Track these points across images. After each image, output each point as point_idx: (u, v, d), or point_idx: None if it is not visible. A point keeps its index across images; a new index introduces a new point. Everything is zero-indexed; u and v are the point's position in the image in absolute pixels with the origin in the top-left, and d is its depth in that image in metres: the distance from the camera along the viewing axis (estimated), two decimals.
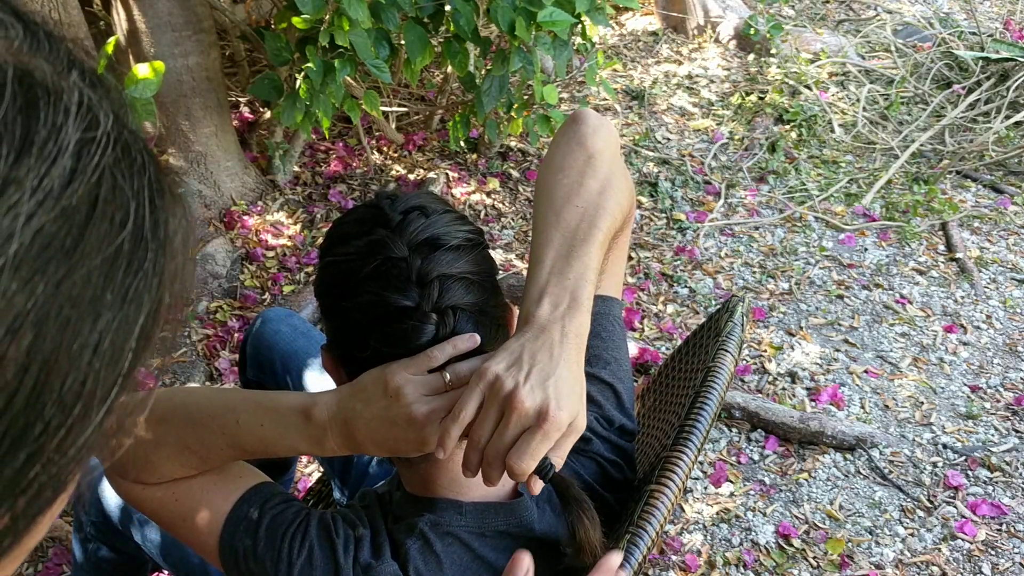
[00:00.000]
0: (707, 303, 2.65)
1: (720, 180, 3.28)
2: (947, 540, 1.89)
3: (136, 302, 0.29)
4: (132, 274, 0.29)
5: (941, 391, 2.33)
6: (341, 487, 1.39)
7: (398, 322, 0.76)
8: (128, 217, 0.29)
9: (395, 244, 0.77)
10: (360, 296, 0.77)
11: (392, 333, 0.76)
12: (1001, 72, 3.71)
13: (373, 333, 0.77)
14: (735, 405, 2.19)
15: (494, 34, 2.56)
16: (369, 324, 0.77)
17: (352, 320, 0.78)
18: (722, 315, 1.10)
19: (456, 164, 3.26)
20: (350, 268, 0.78)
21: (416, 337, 0.76)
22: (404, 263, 0.76)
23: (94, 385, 0.28)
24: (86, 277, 0.27)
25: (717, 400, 0.98)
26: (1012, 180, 3.31)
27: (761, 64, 4.10)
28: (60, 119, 0.27)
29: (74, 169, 0.27)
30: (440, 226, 0.79)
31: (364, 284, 0.77)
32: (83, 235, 0.27)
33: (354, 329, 0.79)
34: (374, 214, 0.80)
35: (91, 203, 0.27)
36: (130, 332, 0.29)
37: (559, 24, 2.16)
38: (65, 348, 0.27)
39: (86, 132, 0.28)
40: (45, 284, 0.25)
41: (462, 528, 0.82)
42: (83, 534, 1.33)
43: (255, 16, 3.30)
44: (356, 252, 0.78)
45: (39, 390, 0.26)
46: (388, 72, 2.14)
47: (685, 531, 1.92)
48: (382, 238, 0.77)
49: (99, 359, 0.28)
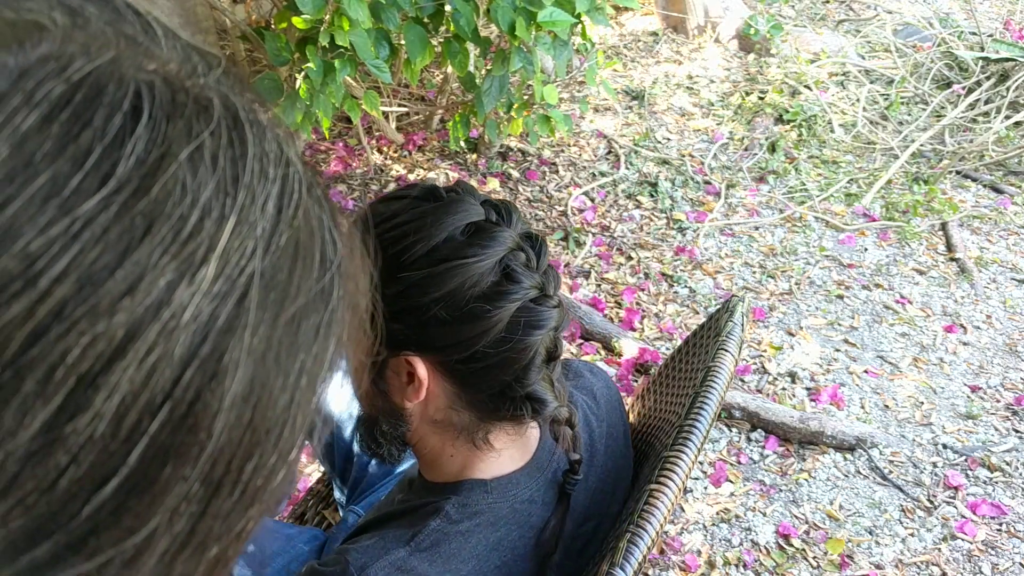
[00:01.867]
0: (707, 303, 2.65)
1: (720, 180, 3.28)
2: (947, 540, 1.89)
3: (328, 336, 0.28)
4: (327, 310, 0.28)
5: (941, 391, 2.33)
6: (341, 486, 1.39)
7: (539, 310, 0.79)
8: (325, 253, 0.28)
9: (510, 240, 0.79)
10: (510, 299, 0.78)
11: (537, 319, 0.79)
12: (1001, 72, 3.71)
13: (521, 322, 0.78)
14: (735, 405, 2.19)
15: (494, 34, 2.56)
16: (518, 317, 0.78)
17: (491, 317, 0.77)
18: (722, 315, 1.10)
19: (456, 164, 3.26)
20: (482, 269, 0.77)
21: (555, 319, 0.81)
22: (523, 254, 0.80)
23: (298, 425, 0.27)
24: (293, 317, 0.26)
25: (717, 400, 0.98)
26: (1012, 180, 3.31)
27: (761, 64, 4.10)
28: (265, 156, 0.26)
29: (279, 208, 0.26)
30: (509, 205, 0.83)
31: (503, 286, 0.78)
32: (292, 276, 0.26)
33: (494, 325, 0.78)
34: (470, 205, 0.80)
35: (295, 243, 0.26)
36: (323, 366, 0.28)
37: (559, 24, 2.16)
38: (279, 381, 0.26)
39: (286, 167, 0.27)
40: (267, 326, 0.25)
41: (490, 505, 0.83)
42: None
43: (255, 16, 3.30)
44: (482, 255, 0.77)
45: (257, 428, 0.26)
46: (388, 72, 2.14)
47: (685, 531, 1.92)
48: (502, 235, 0.79)
49: (300, 394, 0.27)
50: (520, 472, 0.86)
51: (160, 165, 0.24)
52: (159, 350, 0.23)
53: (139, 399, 0.23)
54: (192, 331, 0.23)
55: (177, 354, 0.23)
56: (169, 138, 0.24)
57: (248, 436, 0.25)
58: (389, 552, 0.78)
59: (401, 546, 0.79)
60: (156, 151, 0.24)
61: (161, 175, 0.23)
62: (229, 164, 0.25)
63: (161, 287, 0.23)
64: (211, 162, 0.25)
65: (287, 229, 0.26)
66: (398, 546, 0.79)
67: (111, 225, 0.22)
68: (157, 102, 0.24)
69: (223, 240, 0.24)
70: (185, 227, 0.23)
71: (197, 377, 0.24)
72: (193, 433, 0.24)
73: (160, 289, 0.23)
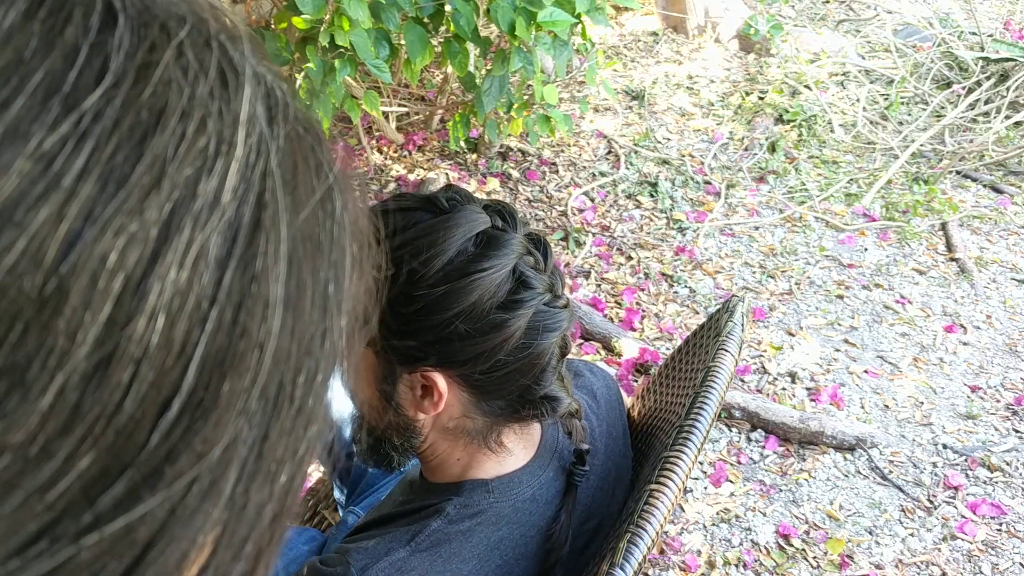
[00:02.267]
0: (707, 303, 2.65)
1: (720, 180, 3.29)
2: (947, 540, 1.89)
3: (342, 242, 0.28)
4: (334, 214, 0.27)
5: (941, 391, 2.33)
6: (341, 486, 1.39)
7: (552, 313, 0.79)
8: (319, 156, 0.27)
9: (519, 241, 0.79)
10: (521, 307, 0.78)
11: (551, 322, 0.80)
12: (1001, 72, 3.71)
13: (539, 327, 0.79)
14: (735, 405, 2.19)
15: (494, 34, 2.57)
16: (534, 321, 0.78)
17: (511, 325, 0.77)
18: (722, 315, 1.10)
19: (456, 164, 3.26)
20: (495, 280, 0.77)
21: (562, 319, 0.81)
22: (534, 258, 0.80)
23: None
24: (308, 218, 0.26)
25: (717, 400, 0.98)
26: (1012, 180, 3.31)
27: (761, 64, 4.10)
28: (244, 59, 0.26)
29: (269, 108, 0.26)
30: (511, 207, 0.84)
31: (518, 294, 0.78)
32: (297, 175, 0.25)
33: (514, 333, 0.77)
34: (477, 216, 0.79)
35: (293, 142, 0.26)
36: (344, 275, 0.28)
37: (559, 24, 2.16)
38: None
39: (267, 72, 0.27)
40: (288, 225, 0.25)
41: (491, 505, 0.83)
42: None
43: (255, 16, 3.30)
44: (493, 268, 0.77)
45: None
46: (388, 72, 2.14)
47: (685, 531, 1.92)
48: (512, 239, 0.79)
49: (330, 303, 0.27)
50: (522, 471, 0.86)
51: (151, 60, 0.23)
52: (196, 248, 0.22)
53: (186, 304, 0.22)
54: (223, 228, 0.23)
55: (213, 254, 0.22)
56: (151, 36, 0.23)
57: (294, 347, 0.25)
58: (390, 552, 0.78)
59: (402, 547, 0.79)
60: (144, 46, 0.23)
61: (155, 69, 0.23)
62: (215, 63, 0.24)
63: (184, 181, 0.22)
64: (196, 60, 0.24)
65: (283, 127, 0.26)
66: (399, 546, 0.79)
67: (120, 118, 0.21)
68: (130, 3, 0.24)
69: (232, 135, 0.23)
70: (191, 120, 0.23)
71: (237, 278, 0.23)
72: (245, 339, 0.23)
73: (184, 182, 0.22)
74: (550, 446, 0.89)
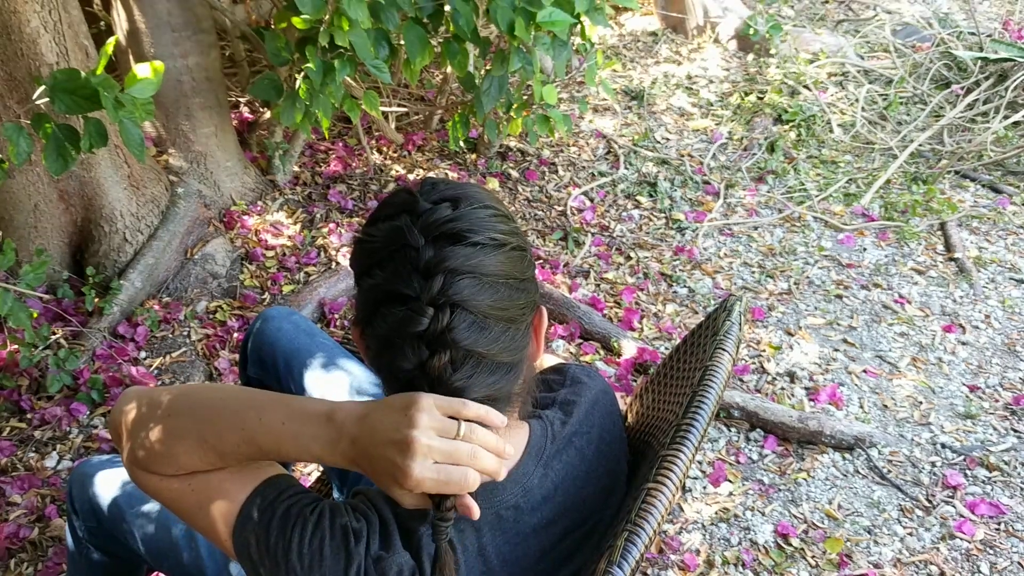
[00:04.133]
0: (706, 303, 2.66)
1: (719, 180, 3.29)
2: (946, 539, 1.89)
3: None
4: None
5: (940, 391, 2.33)
6: (340, 486, 1.39)
7: (396, 307, 0.78)
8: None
9: (411, 233, 0.78)
10: (372, 277, 0.81)
11: (388, 316, 0.79)
12: (1000, 72, 3.71)
13: (376, 313, 0.80)
14: (734, 404, 2.19)
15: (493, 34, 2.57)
16: (375, 304, 0.80)
17: (365, 297, 0.82)
18: (720, 314, 1.10)
19: (455, 164, 3.27)
20: (371, 248, 0.81)
21: (409, 325, 0.77)
22: (415, 252, 0.77)
23: None
24: None
25: (714, 399, 0.98)
26: (1011, 180, 3.31)
27: (760, 64, 4.10)
28: None
29: None
30: (467, 221, 0.79)
31: (377, 266, 0.80)
32: None
33: (366, 305, 0.82)
34: (408, 200, 0.82)
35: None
36: None
37: (558, 24, 2.16)
38: None
39: None
40: None
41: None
42: (77, 538, 1.33)
43: (255, 16, 3.31)
44: (379, 235, 0.81)
45: None
46: (388, 72, 2.14)
47: (684, 530, 1.92)
48: (403, 225, 0.79)
49: None
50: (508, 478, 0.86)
51: None
52: None
53: None
54: None
55: None
56: None
57: None
58: None
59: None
60: None
61: None
62: None
63: None
64: None
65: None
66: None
67: None
68: None
69: None
70: None
71: None
72: None
73: None
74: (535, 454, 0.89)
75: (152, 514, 1.23)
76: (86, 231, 2.44)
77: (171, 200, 2.61)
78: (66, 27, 2.11)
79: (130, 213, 2.47)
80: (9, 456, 2.02)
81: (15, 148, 1.69)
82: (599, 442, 0.97)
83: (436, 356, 0.77)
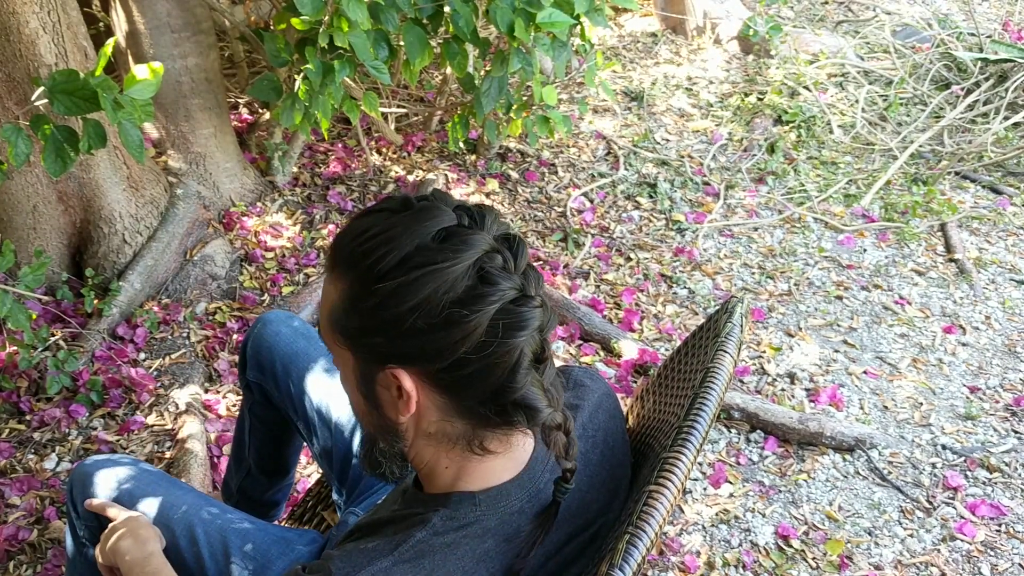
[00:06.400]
0: (706, 304, 2.65)
1: (719, 181, 3.29)
2: (946, 541, 1.89)
3: None
4: None
5: (940, 392, 2.33)
6: (339, 487, 1.39)
7: (523, 307, 0.77)
8: None
9: (481, 239, 0.78)
10: (484, 286, 0.76)
11: (521, 319, 0.78)
12: (1000, 73, 3.71)
13: (501, 325, 0.76)
14: (734, 406, 2.19)
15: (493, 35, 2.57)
16: (496, 315, 0.76)
17: (469, 321, 0.76)
18: (721, 316, 1.10)
19: (455, 165, 3.26)
20: (457, 272, 0.76)
21: (534, 320, 0.79)
22: (499, 255, 0.78)
23: None
24: None
25: (716, 401, 0.98)
26: (1011, 181, 3.31)
27: (760, 65, 4.10)
28: None
29: None
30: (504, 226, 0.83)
31: (486, 278, 0.76)
32: None
33: (473, 330, 0.76)
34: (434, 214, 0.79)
35: None
36: None
37: (558, 25, 2.16)
38: None
39: None
40: None
41: (478, 518, 0.82)
42: (77, 537, 1.33)
43: (254, 17, 3.30)
44: (455, 256, 0.76)
45: None
46: (387, 73, 2.14)
47: (684, 532, 1.92)
48: (469, 237, 0.77)
49: None
50: (512, 483, 0.85)
51: None
52: None
53: None
54: None
55: None
56: None
57: None
58: (372, 562, 0.78)
59: (385, 556, 0.78)
60: None
61: None
62: None
63: None
64: None
65: None
66: (382, 556, 0.78)
67: None
68: None
69: None
70: None
71: None
72: None
73: None
74: (542, 460, 0.88)
75: (152, 514, 1.23)
76: (85, 232, 2.44)
77: (170, 201, 2.61)
78: (65, 28, 2.11)
79: (129, 214, 2.47)
80: (8, 458, 2.02)
81: (14, 149, 1.69)
82: (603, 446, 0.97)
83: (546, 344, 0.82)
